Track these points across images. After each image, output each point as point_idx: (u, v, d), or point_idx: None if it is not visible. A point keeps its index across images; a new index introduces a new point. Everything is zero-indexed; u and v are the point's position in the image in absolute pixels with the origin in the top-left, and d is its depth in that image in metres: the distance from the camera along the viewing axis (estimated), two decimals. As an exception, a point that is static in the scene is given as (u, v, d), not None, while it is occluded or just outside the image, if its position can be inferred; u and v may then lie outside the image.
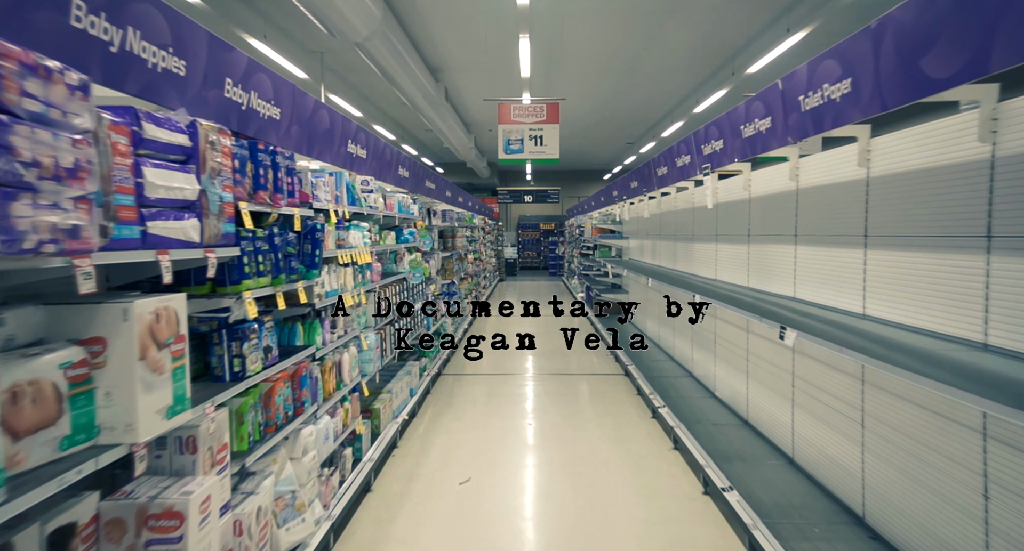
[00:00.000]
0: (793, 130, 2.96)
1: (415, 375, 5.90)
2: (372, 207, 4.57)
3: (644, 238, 8.99)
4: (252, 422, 2.51)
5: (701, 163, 4.60)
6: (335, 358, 3.65)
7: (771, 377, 4.24)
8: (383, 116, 14.56)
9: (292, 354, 2.95)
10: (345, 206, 3.84)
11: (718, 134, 4.12)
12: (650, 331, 8.60)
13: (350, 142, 4.13)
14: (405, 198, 5.81)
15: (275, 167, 2.70)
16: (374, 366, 4.35)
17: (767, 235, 4.34)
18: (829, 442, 3.42)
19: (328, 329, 3.51)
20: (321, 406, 3.34)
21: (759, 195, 4.51)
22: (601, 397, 6.38)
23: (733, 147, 3.86)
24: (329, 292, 3.50)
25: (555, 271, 24.73)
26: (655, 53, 9.52)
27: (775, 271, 4.19)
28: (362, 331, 4.24)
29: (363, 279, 4.25)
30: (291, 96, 3.07)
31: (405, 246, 5.69)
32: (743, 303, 3.61)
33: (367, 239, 4.30)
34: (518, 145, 8.27)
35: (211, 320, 2.38)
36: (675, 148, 5.38)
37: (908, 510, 2.71)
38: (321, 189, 3.43)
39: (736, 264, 5.00)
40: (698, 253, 6.14)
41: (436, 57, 9.90)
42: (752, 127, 3.48)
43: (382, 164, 5.03)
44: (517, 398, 6.36)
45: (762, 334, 4.40)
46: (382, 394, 4.91)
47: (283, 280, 2.75)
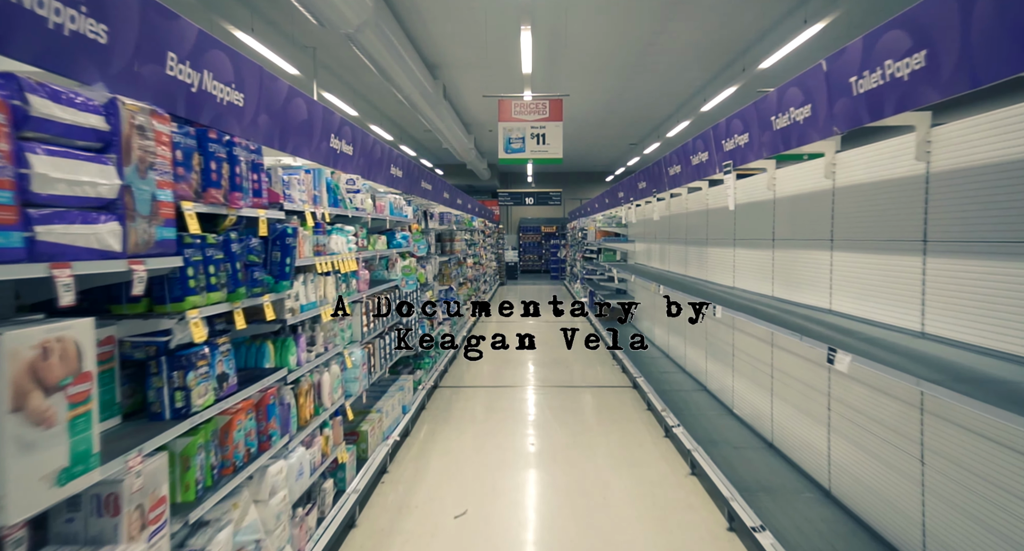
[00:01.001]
0: (841, 118, 2.54)
1: (408, 390, 5.47)
2: (359, 209, 4.15)
3: (652, 242, 8.57)
4: (202, 466, 2.09)
5: (721, 160, 4.18)
6: (313, 380, 3.23)
7: (801, 397, 3.81)
8: (380, 116, 14.15)
9: (258, 379, 2.53)
10: (325, 207, 3.43)
11: (742, 127, 3.70)
12: (658, 339, 8.17)
13: (333, 137, 3.72)
14: (398, 199, 5.39)
15: (233, 161, 2.28)
16: (360, 385, 3.93)
17: (796, 240, 3.92)
18: (877, 476, 2.99)
19: (304, 347, 3.09)
20: (295, 437, 2.92)
21: (785, 195, 4.08)
22: (608, 412, 5.95)
23: (761, 141, 3.44)
24: (305, 305, 3.08)
25: (556, 275, 24.30)
26: (662, 48, 9.11)
27: (806, 279, 3.77)
28: (347, 347, 3.82)
29: (348, 289, 3.83)
30: (258, 80, 2.66)
31: (397, 251, 5.27)
32: (782, 321, 3.19)
33: (352, 244, 3.88)
34: (519, 144, 7.84)
35: (148, 345, 1.96)
36: (690, 145, 4.96)
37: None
38: (295, 188, 3.01)
39: (758, 271, 4.58)
40: (713, 258, 5.71)
41: (434, 53, 9.49)
42: (786, 117, 3.06)
43: (371, 162, 4.62)
44: (518, 414, 5.93)
45: (790, 349, 3.98)
46: (371, 414, 4.48)
47: (243, 294, 2.33)
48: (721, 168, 4.21)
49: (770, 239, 4.34)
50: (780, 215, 4.18)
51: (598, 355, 8.76)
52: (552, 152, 7.85)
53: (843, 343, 2.45)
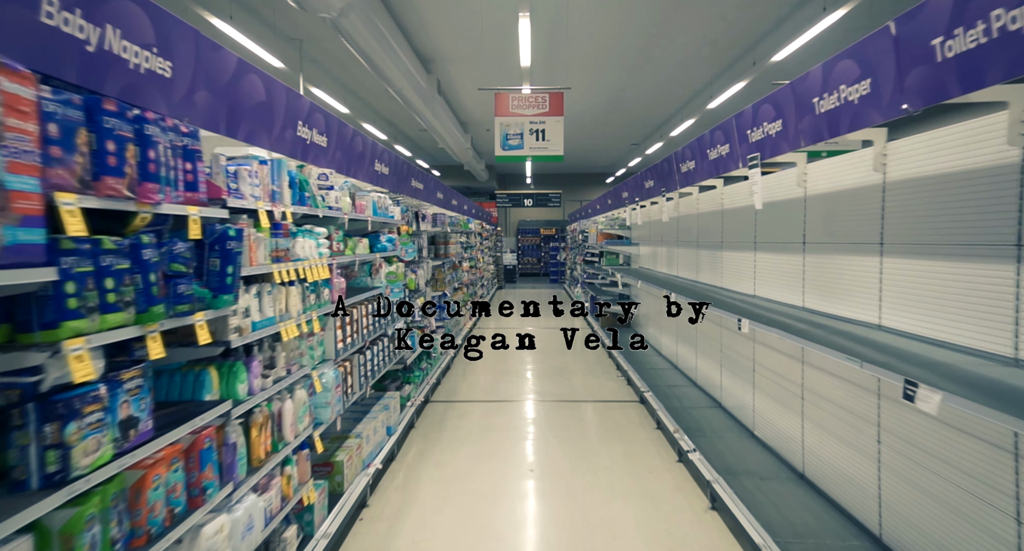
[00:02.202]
0: (914, 93, 2.04)
1: (394, 409, 4.95)
2: (334, 208, 3.65)
3: (658, 245, 8.07)
4: (95, 543, 1.58)
5: (746, 153, 3.68)
6: (271, 410, 2.72)
7: (842, 425, 3.31)
8: (373, 114, 13.65)
9: (190, 417, 2.02)
10: (287, 205, 2.92)
11: (774, 113, 3.20)
12: (666, 348, 7.66)
13: (301, 125, 3.21)
14: (382, 199, 4.88)
15: (145, 143, 1.77)
16: (333, 410, 3.42)
17: (833, 243, 3.41)
18: (949, 528, 2.48)
19: (259, 372, 2.58)
20: (243, 482, 2.40)
21: (819, 192, 3.58)
22: (614, 431, 5.43)
23: (798, 129, 2.94)
24: (259, 322, 2.57)
25: (556, 278, 23.80)
26: (668, 40, 8.62)
27: (847, 289, 3.27)
28: (316, 367, 3.31)
29: (318, 300, 3.32)
30: (193, 47, 2.15)
31: (382, 256, 4.77)
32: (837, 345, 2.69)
33: (324, 248, 3.38)
34: (517, 140, 7.33)
35: (9, 388, 1.45)
36: (707, 137, 4.46)
37: None
38: (246, 182, 2.50)
39: (785, 278, 4.07)
40: (730, 263, 5.21)
41: (427, 45, 9.00)
42: (835, 98, 2.55)
43: (351, 156, 4.11)
44: (515, 433, 5.42)
45: (827, 368, 3.47)
46: (349, 439, 3.97)
47: (160, 314, 1.82)
48: (745, 162, 3.71)
49: (800, 242, 3.84)
50: (812, 215, 3.68)
51: (600, 362, 8.25)
52: (552, 149, 7.34)
53: (923, 377, 1.94)
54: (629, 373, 7.00)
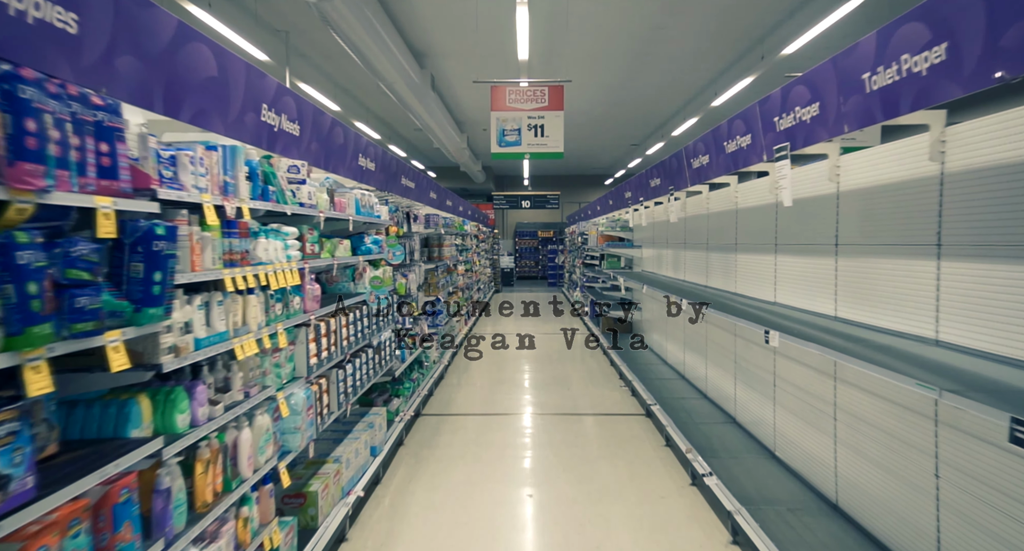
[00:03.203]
0: (1008, 56, 1.63)
1: (380, 427, 4.52)
2: (306, 205, 3.22)
3: (663, 247, 7.65)
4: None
5: (771, 143, 3.27)
6: (224, 441, 2.29)
7: (886, 452, 2.89)
8: (366, 112, 13.23)
9: (101, 463, 1.59)
10: (244, 200, 2.49)
11: (809, 96, 2.79)
12: (671, 356, 7.24)
13: (266, 109, 2.79)
14: (367, 197, 4.46)
15: (20, 109, 1.35)
16: (304, 436, 2.98)
17: (875, 244, 3.00)
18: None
19: (206, 398, 2.15)
20: (180, 536, 1.97)
21: (855, 187, 3.17)
22: (620, 449, 5.01)
23: (843, 111, 2.53)
24: (206, 339, 2.14)
25: (554, 281, 23.37)
26: (671, 33, 8.23)
27: (893, 297, 2.85)
28: (283, 387, 2.88)
29: (286, 310, 2.89)
30: (111, 0, 1.73)
31: (366, 259, 4.34)
32: (910, 373, 2.27)
33: (294, 251, 2.95)
34: (514, 136, 6.91)
35: None
36: (724, 128, 4.05)
37: None
38: (186, 169, 2.08)
39: (813, 284, 3.66)
40: (746, 267, 4.79)
41: (420, 38, 8.59)
42: (894, 70, 2.14)
43: (329, 148, 3.69)
44: (513, 451, 4.99)
45: (860, 384, 3.05)
46: (326, 465, 3.54)
47: (46, 335, 1.39)
48: (770, 154, 3.30)
49: (831, 244, 3.43)
50: (847, 213, 3.27)
51: (602, 370, 7.83)
52: (552, 146, 6.92)
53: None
54: (633, 383, 6.58)
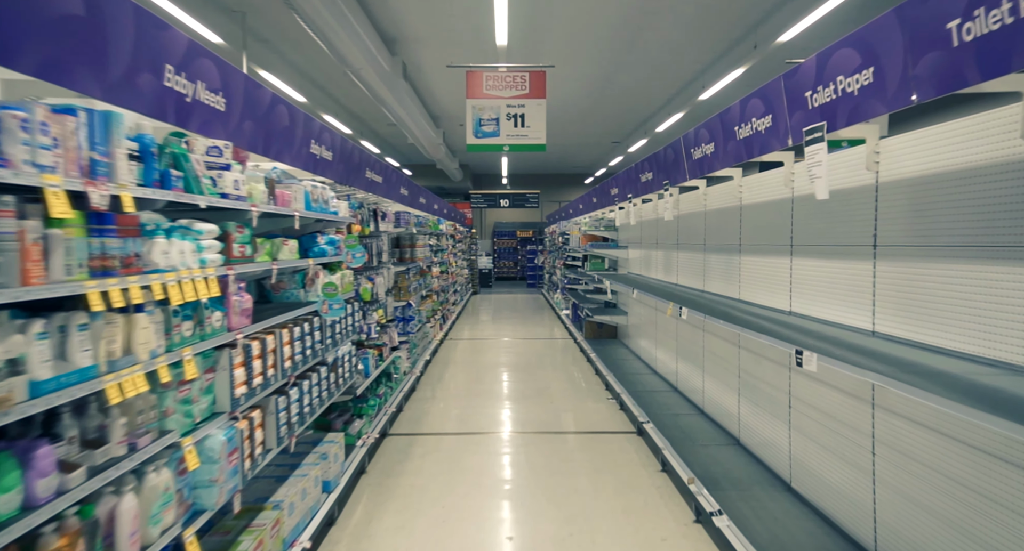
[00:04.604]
0: None
1: (336, 456, 3.88)
2: (231, 195, 2.58)
3: (653, 247, 7.12)
4: None
5: (801, 123, 2.72)
6: (89, 517, 1.66)
7: (953, 503, 2.35)
8: (336, 105, 12.51)
9: None
10: (127, 186, 1.86)
11: (860, 61, 2.24)
12: (662, 365, 6.71)
13: (171, 71, 2.16)
14: (320, 190, 3.83)
15: None
16: (222, 491, 2.35)
17: (929, 246, 2.47)
18: None
19: (52, 465, 1.52)
20: None
21: (902, 178, 2.64)
22: (611, 476, 4.44)
23: (912, 75, 1.98)
24: (50, 381, 1.51)
25: (533, 282, 22.82)
26: (658, 20, 7.70)
27: (958, 312, 2.32)
28: (194, 430, 2.25)
29: (199, 330, 2.27)
30: None
31: (318, 262, 3.71)
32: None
33: (213, 253, 2.33)
34: (492, 126, 6.30)
35: None
36: (735, 109, 3.49)
37: None
38: (14, 138, 1.45)
39: (842, 292, 3.12)
40: (753, 271, 4.26)
41: (390, 22, 7.94)
42: (1004, 10, 1.59)
43: (271, 131, 3.07)
44: (491, 480, 4.39)
45: (913, 416, 2.52)
46: (263, 513, 2.91)
47: None
48: (799, 136, 2.75)
49: (868, 245, 2.90)
50: (890, 208, 2.73)
51: (586, 379, 7.27)
52: (533, 137, 6.33)
53: None
54: (622, 396, 6.03)
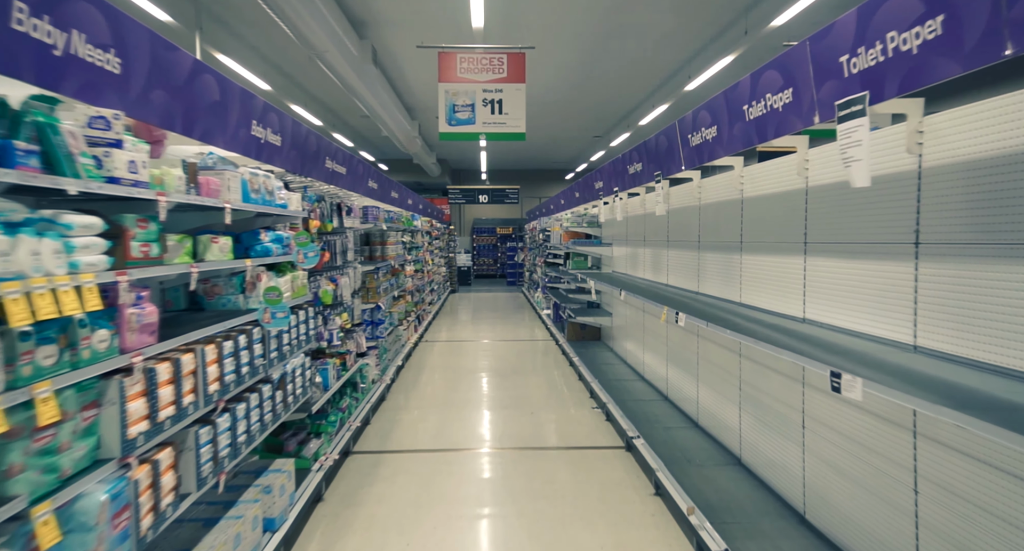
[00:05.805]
0: None
1: (283, 488, 3.34)
2: (124, 181, 2.04)
3: (640, 245, 6.66)
4: None
5: (832, 97, 2.25)
6: None
7: (1003, 546, 1.91)
8: (304, 95, 11.86)
9: None
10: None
11: (923, 8, 1.78)
12: (650, 371, 6.26)
13: (23, 11, 1.62)
14: (262, 178, 3.29)
15: None
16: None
17: (991, 244, 2.02)
18: None
19: None
20: None
21: (950, 162, 2.19)
22: (600, 502, 3.97)
23: (1003, 20, 1.52)
24: None
25: (513, 280, 22.31)
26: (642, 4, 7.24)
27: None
28: (58, 491, 1.70)
29: (72, 356, 1.72)
30: None
31: (258, 263, 3.17)
32: None
33: (92, 256, 1.79)
34: (467, 113, 5.78)
35: None
36: (745, 84, 3.02)
37: None
38: None
39: (871, 298, 2.67)
40: (757, 272, 3.81)
41: (359, 2, 7.37)
42: None
43: (192, 105, 2.52)
44: (466, 508, 3.89)
45: (960, 447, 2.07)
46: (180, 573, 2.37)
47: None
48: (830, 112, 2.28)
49: (908, 243, 2.44)
50: (936, 200, 2.28)
51: (569, 385, 6.79)
52: (512, 125, 5.82)
53: None
54: (608, 406, 5.56)
